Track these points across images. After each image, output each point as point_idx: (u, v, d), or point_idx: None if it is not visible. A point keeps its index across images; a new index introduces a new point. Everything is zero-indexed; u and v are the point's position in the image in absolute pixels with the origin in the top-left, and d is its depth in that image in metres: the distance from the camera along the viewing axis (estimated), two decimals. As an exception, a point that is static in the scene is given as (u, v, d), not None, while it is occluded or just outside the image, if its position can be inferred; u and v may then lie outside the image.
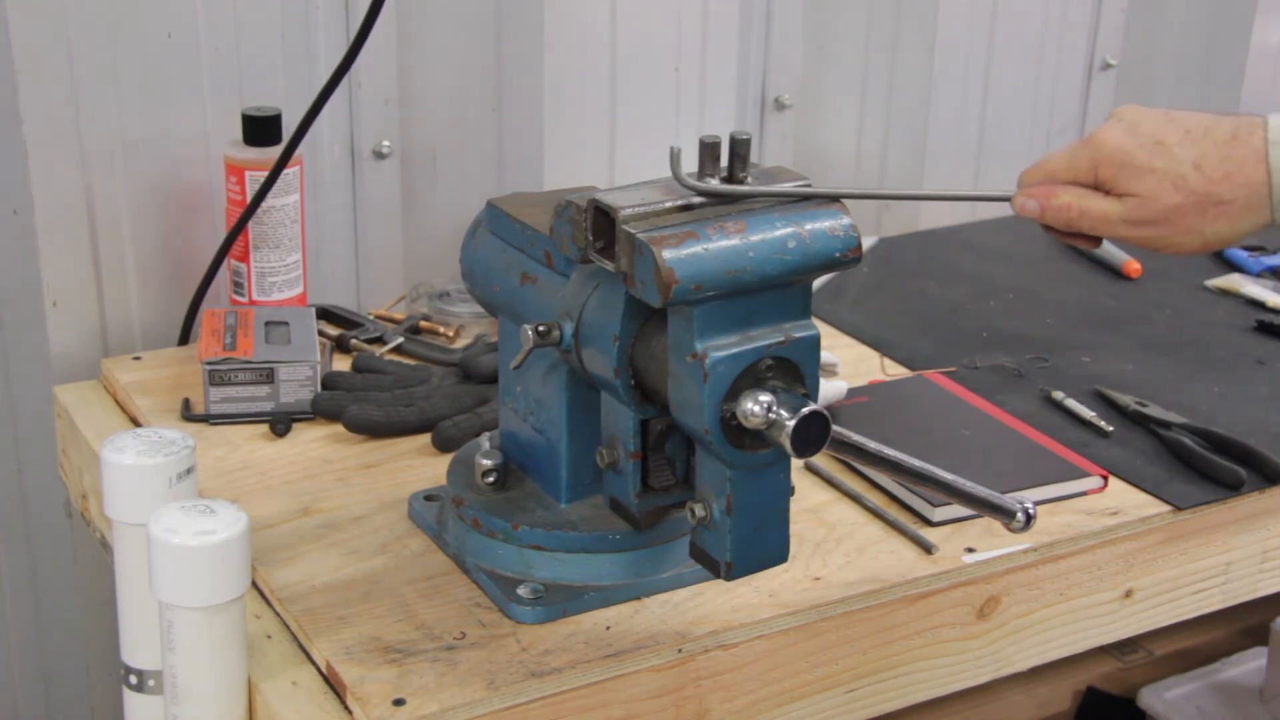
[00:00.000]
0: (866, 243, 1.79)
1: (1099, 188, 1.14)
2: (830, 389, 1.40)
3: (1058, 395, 1.44)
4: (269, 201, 1.48)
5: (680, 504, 1.09)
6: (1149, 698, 1.92)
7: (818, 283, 1.53)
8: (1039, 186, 1.15)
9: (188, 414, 1.38)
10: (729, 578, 1.02)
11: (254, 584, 1.13)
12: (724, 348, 0.97)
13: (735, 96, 1.85)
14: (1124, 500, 1.28)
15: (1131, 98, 2.17)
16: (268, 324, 1.44)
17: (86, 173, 1.48)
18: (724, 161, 1.02)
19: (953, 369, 1.51)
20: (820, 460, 1.31)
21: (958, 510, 1.22)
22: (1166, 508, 1.27)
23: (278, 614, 1.11)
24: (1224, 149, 1.10)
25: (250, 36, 1.53)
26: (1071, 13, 2.06)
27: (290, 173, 1.48)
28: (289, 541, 1.18)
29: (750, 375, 0.97)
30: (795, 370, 0.99)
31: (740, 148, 1.01)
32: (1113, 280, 1.77)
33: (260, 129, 1.48)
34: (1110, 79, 2.14)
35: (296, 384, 1.37)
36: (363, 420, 1.34)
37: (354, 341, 1.53)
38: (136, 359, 1.49)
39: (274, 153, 1.48)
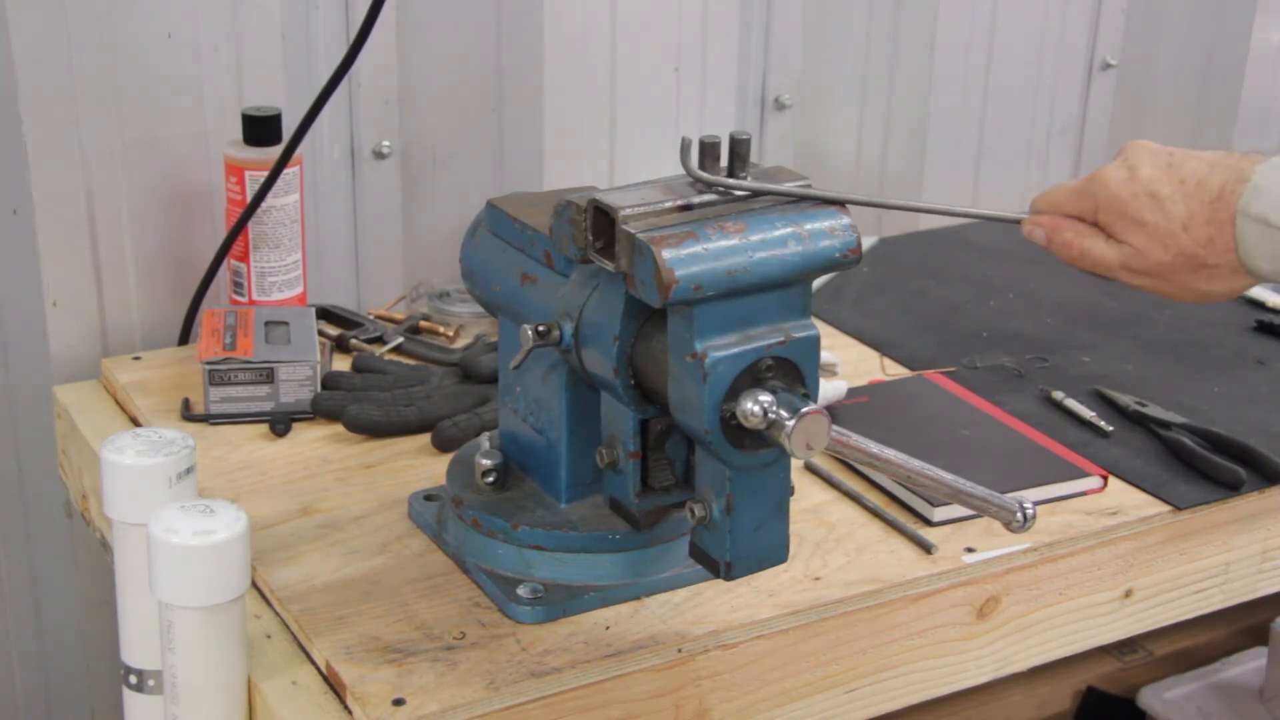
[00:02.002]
0: (866, 243, 1.79)
1: (1101, 229, 1.12)
2: (830, 389, 1.40)
3: (1058, 395, 1.44)
4: (269, 201, 1.48)
5: (680, 504, 1.09)
6: (1149, 698, 1.92)
7: (818, 283, 1.53)
8: (1047, 217, 1.14)
9: (188, 414, 1.38)
10: (729, 578, 1.02)
11: (254, 584, 1.13)
12: (724, 348, 0.97)
13: (735, 96, 1.85)
14: (1124, 500, 1.28)
15: (1131, 98, 2.17)
16: (268, 324, 1.44)
17: (86, 173, 1.48)
18: (724, 161, 1.02)
19: (953, 369, 1.51)
20: (820, 460, 1.31)
21: (958, 510, 1.23)
22: (1166, 508, 1.27)
23: (278, 614, 1.11)
24: (1209, 209, 1.07)
25: (250, 36, 1.53)
26: (1071, 13, 2.06)
27: (290, 173, 1.48)
28: (289, 541, 1.18)
29: (750, 375, 0.97)
30: (795, 370, 0.99)
31: (740, 148, 1.01)
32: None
33: (260, 129, 1.48)
34: (1110, 79, 2.14)
35: (296, 384, 1.37)
36: (363, 420, 1.34)
37: (354, 341, 1.53)
38: (136, 359, 1.49)
39: (274, 153, 1.48)
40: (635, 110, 1.77)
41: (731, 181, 1.01)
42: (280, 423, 1.35)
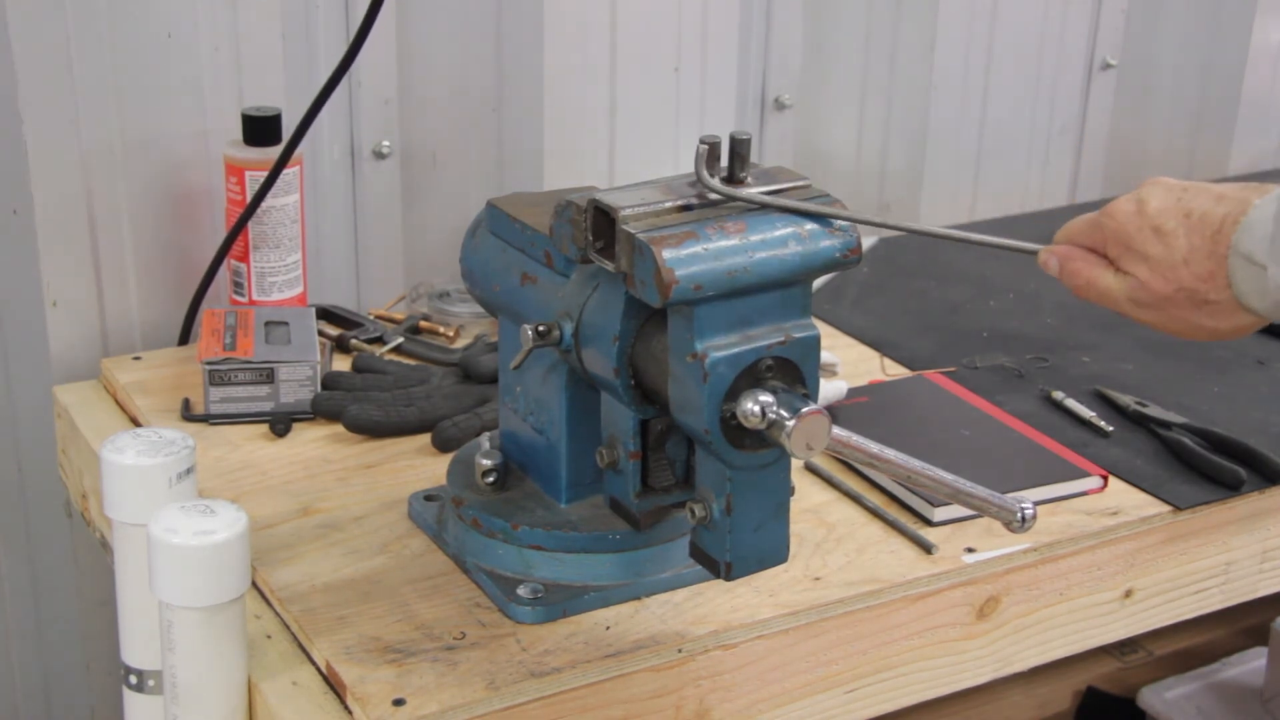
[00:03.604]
0: (866, 243, 1.79)
1: (1110, 261, 1.12)
2: (830, 389, 1.40)
3: (1058, 395, 1.44)
4: (269, 201, 1.48)
5: (680, 504, 1.09)
6: (1149, 698, 1.92)
7: (818, 283, 1.53)
8: (1061, 246, 1.14)
9: (188, 414, 1.38)
10: (729, 578, 1.02)
11: (254, 584, 1.13)
12: (724, 348, 0.97)
13: (735, 96, 1.85)
14: (1124, 500, 1.28)
15: (1131, 98, 2.17)
16: (268, 324, 1.44)
17: (86, 173, 1.48)
18: (724, 161, 1.02)
19: (953, 369, 1.51)
20: (820, 460, 1.31)
21: (958, 510, 1.23)
22: (1166, 508, 1.27)
23: (278, 614, 1.11)
24: (1209, 243, 1.04)
25: (250, 36, 1.53)
26: (1071, 13, 2.06)
27: (290, 173, 1.48)
28: (289, 541, 1.18)
29: (750, 375, 0.97)
30: (795, 370, 0.99)
31: (740, 148, 1.01)
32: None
33: (260, 129, 1.48)
34: (1110, 79, 2.14)
35: (296, 384, 1.37)
36: (363, 420, 1.34)
37: (354, 341, 1.53)
38: (136, 359, 1.49)
39: (274, 153, 1.48)
40: (635, 110, 1.77)
41: (745, 193, 1.00)
42: (280, 423, 1.35)
